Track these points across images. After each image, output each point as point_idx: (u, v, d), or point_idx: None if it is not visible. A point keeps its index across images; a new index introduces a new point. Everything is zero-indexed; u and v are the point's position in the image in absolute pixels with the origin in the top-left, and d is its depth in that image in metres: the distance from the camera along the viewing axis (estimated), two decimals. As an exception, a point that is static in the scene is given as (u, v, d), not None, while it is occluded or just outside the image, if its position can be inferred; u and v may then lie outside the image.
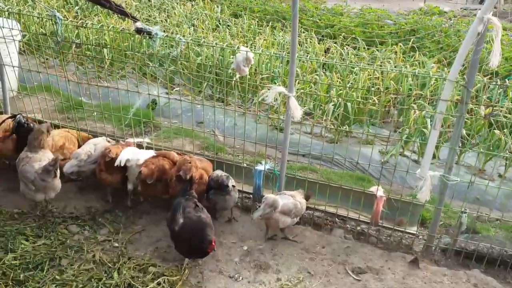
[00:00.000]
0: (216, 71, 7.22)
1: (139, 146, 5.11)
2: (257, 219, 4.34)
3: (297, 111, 4.19)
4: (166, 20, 10.08)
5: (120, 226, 4.52)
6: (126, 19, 8.40)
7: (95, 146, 4.88)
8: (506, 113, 6.64)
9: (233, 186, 4.55)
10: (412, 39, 9.03)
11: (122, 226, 4.53)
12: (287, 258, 4.28)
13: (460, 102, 3.95)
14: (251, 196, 5.01)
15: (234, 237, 4.51)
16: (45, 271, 3.81)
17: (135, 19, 5.03)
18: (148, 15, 10.68)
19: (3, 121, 4.92)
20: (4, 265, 3.81)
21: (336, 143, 6.72)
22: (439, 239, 4.64)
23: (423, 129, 6.27)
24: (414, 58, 8.47)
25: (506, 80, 4.89)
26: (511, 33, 12.53)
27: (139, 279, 3.75)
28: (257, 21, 10.47)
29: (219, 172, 4.66)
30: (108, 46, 7.85)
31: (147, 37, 4.36)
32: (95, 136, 5.29)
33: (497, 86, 4.13)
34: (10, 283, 3.65)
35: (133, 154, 4.60)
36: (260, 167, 4.80)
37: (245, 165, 4.99)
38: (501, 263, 4.41)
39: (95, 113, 6.20)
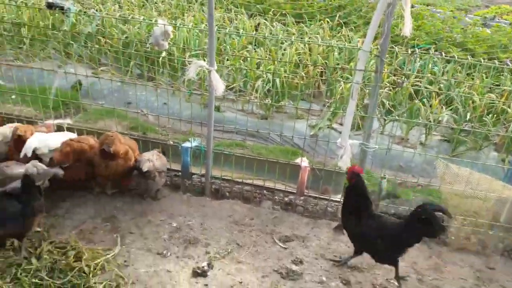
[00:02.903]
0: (145, 49, 7.04)
1: (61, 128, 4.92)
2: None
3: (219, 85, 4.18)
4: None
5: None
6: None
7: (10, 127, 4.65)
8: (426, 83, 7.00)
9: (160, 171, 4.48)
10: (338, 15, 9.21)
11: (44, 210, 4.37)
12: (216, 232, 4.31)
13: (375, 72, 4.10)
14: (180, 173, 4.99)
15: (162, 215, 4.48)
16: (-42, 261, 3.63)
17: (45, -7, 4.79)
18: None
19: None
20: None
21: (267, 119, 6.79)
22: (362, 205, 4.84)
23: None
24: (341, 33, 8.66)
25: (416, 49, 5.13)
26: (434, 8, 13.09)
27: (62, 262, 3.65)
28: (186, -2, 10.26)
29: (147, 156, 4.54)
30: (26, 25, 7.42)
31: (60, 12, 4.16)
32: (12, 120, 5.05)
33: (407, 56, 4.31)
34: None
35: (40, 141, 4.37)
36: (186, 144, 4.78)
37: (171, 142, 4.94)
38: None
39: (13, 96, 5.89)
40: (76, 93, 6.52)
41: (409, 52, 4.32)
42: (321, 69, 7.26)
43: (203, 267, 3.77)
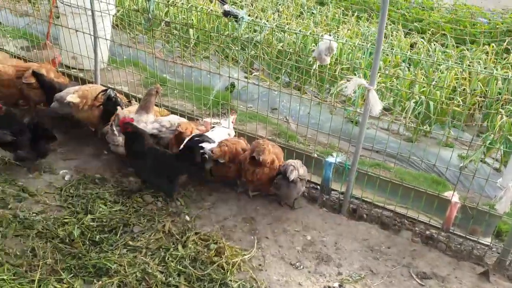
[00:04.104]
0: (296, 58, 7.19)
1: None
2: None
3: (376, 105, 4.09)
4: (252, 5, 10.15)
5: (190, 201, 4.69)
6: (214, 0, 8.59)
7: (179, 120, 5.09)
8: None
9: (301, 179, 4.54)
10: (507, 40, 8.43)
11: (193, 201, 4.69)
12: (350, 253, 4.23)
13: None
14: (319, 187, 4.99)
15: (298, 226, 4.52)
16: (118, 235, 4.05)
17: (223, 2, 5.13)
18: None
19: (99, 93, 5.21)
20: (83, 225, 4.10)
21: (414, 142, 6.49)
22: (515, 254, 4.37)
23: (509, 137, 5.91)
24: (507, 60, 7.93)
25: None
26: None
27: (204, 254, 3.88)
28: (343, 10, 10.26)
29: (293, 163, 4.62)
30: (195, 27, 8.06)
31: (233, 20, 4.43)
32: (175, 114, 5.53)
33: None
34: (87, 242, 3.93)
35: None
36: (331, 159, 4.76)
37: (315, 155, 4.97)
38: None
39: (176, 91, 6.42)
40: (229, 94, 6.91)
41: None
42: (481, 97, 6.72)
43: (334, 287, 3.72)
